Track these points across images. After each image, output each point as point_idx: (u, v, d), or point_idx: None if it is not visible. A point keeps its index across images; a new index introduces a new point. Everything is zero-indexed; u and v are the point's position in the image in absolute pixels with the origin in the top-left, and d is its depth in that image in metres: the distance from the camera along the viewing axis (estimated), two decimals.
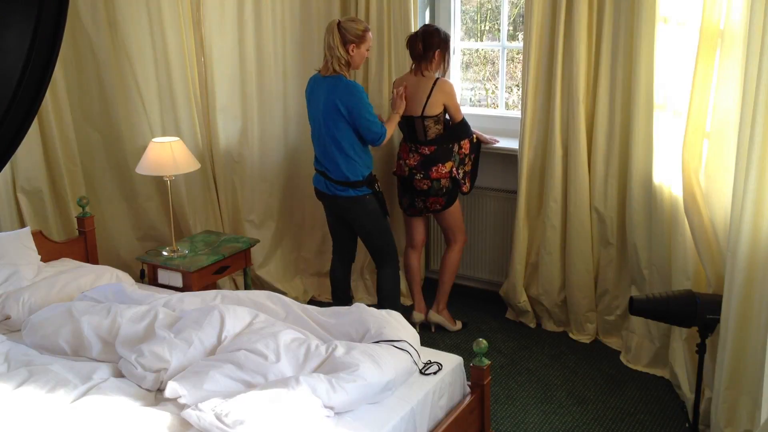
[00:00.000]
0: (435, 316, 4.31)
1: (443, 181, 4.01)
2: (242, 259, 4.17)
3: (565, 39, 3.86)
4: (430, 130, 3.98)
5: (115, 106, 4.33)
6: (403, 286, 4.54)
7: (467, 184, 4.13)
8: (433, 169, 3.99)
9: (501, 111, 4.68)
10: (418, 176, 4.02)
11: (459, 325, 4.36)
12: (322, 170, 3.85)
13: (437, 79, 3.97)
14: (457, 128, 4.03)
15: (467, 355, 3.12)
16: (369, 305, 3.12)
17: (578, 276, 4.09)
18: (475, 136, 4.12)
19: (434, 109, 3.95)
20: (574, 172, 3.96)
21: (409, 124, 4.02)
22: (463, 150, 4.05)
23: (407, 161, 4.06)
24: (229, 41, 4.43)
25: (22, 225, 4.04)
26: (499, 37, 4.60)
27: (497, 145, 4.30)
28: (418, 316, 4.31)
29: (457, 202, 4.14)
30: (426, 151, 4.00)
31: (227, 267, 4.06)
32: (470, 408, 2.89)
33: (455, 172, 4.01)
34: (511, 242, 4.31)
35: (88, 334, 2.89)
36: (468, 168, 4.11)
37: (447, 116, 4.05)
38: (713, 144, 3.07)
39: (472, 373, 2.95)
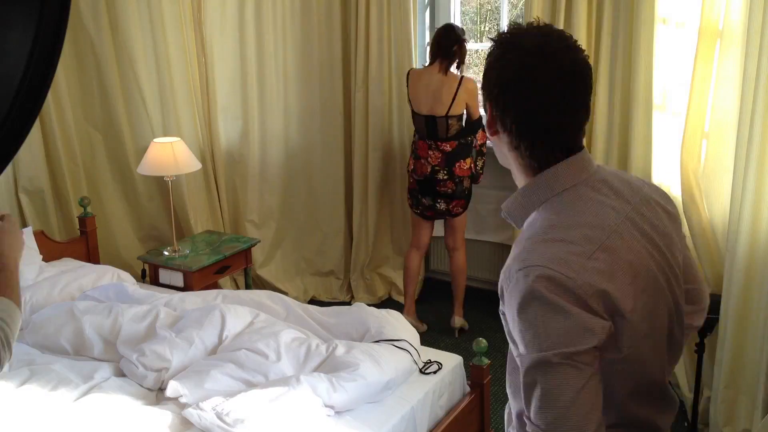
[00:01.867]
0: (459, 321, 4.32)
1: (465, 182, 4.05)
2: (243, 259, 4.18)
3: None
4: (452, 127, 4.01)
5: (117, 107, 4.34)
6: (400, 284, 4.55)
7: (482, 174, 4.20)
8: (456, 165, 4.02)
9: None
10: (441, 175, 4.01)
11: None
12: None
13: (462, 78, 3.99)
14: (474, 123, 4.08)
15: (467, 354, 3.13)
16: (369, 305, 3.13)
17: None
18: None
19: (459, 108, 3.98)
20: None
21: (431, 123, 4.01)
22: (479, 142, 4.10)
23: (428, 159, 4.04)
24: (230, 41, 4.44)
25: (24, 225, 4.05)
26: None
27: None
28: (408, 319, 4.26)
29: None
30: (447, 147, 4.02)
31: (228, 267, 4.07)
32: (470, 407, 2.90)
33: (473, 167, 4.07)
34: (512, 242, 4.32)
35: (90, 333, 2.90)
36: (483, 160, 4.15)
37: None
38: (712, 144, 3.07)
39: (472, 373, 2.96)
